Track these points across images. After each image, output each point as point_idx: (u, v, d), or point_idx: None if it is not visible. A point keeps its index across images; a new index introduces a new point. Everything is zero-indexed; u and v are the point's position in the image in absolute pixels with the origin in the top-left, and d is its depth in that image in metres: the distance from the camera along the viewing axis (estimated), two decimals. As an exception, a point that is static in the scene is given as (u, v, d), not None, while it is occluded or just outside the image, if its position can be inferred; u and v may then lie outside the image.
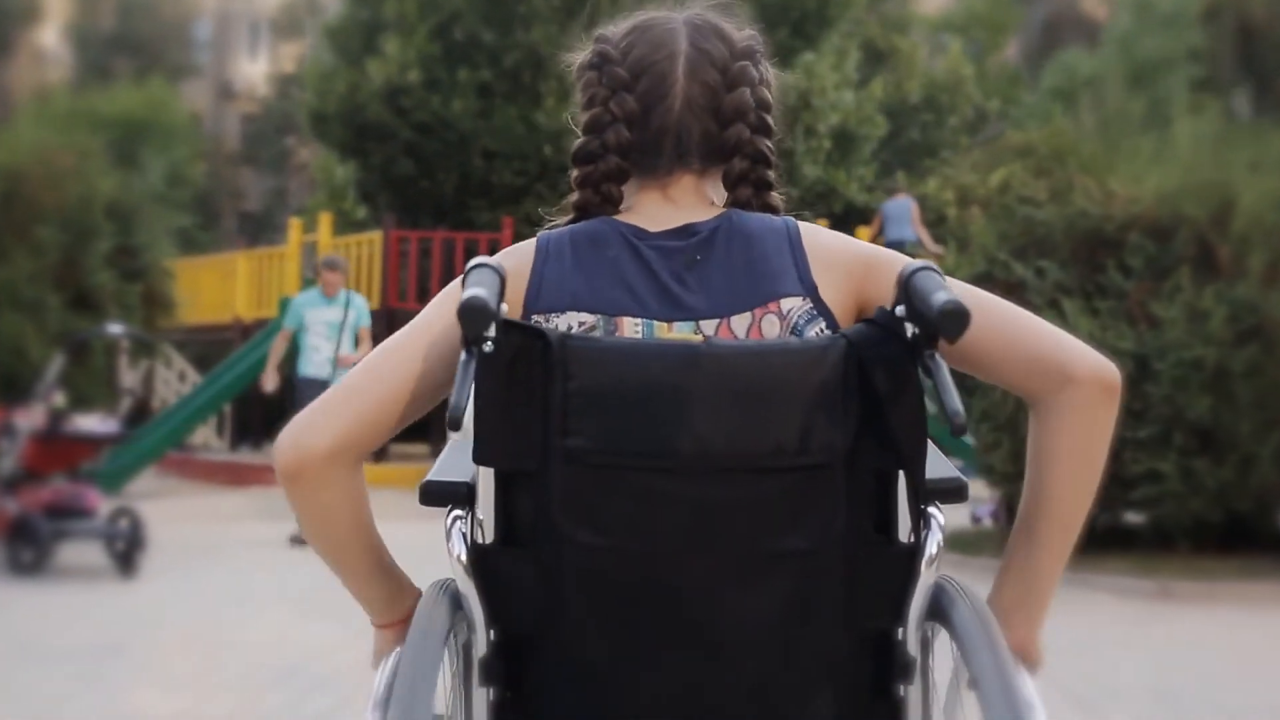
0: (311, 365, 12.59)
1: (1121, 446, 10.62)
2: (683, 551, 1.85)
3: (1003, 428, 11.49)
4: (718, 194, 2.16)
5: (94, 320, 15.12)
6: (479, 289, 1.77)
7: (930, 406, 1.90)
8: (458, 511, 1.98)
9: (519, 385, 1.85)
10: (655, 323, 1.99)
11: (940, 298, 1.75)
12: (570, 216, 2.17)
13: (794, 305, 1.99)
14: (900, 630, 1.93)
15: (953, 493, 1.96)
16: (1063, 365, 1.95)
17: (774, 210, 2.15)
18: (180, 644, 8.13)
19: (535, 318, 1.99)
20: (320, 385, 11.31)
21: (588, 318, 1.98)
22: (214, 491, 18.02)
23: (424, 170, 21.48)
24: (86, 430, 11.15)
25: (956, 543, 11.71)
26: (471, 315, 1.75)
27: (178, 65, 43.81)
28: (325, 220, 20.78)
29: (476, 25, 20.99)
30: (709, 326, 1.98)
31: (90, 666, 7.35)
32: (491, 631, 1.92)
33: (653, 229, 2.06)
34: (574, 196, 2.17)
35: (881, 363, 1.85)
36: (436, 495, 2.02)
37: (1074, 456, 1.99)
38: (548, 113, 20.32)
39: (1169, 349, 10.92)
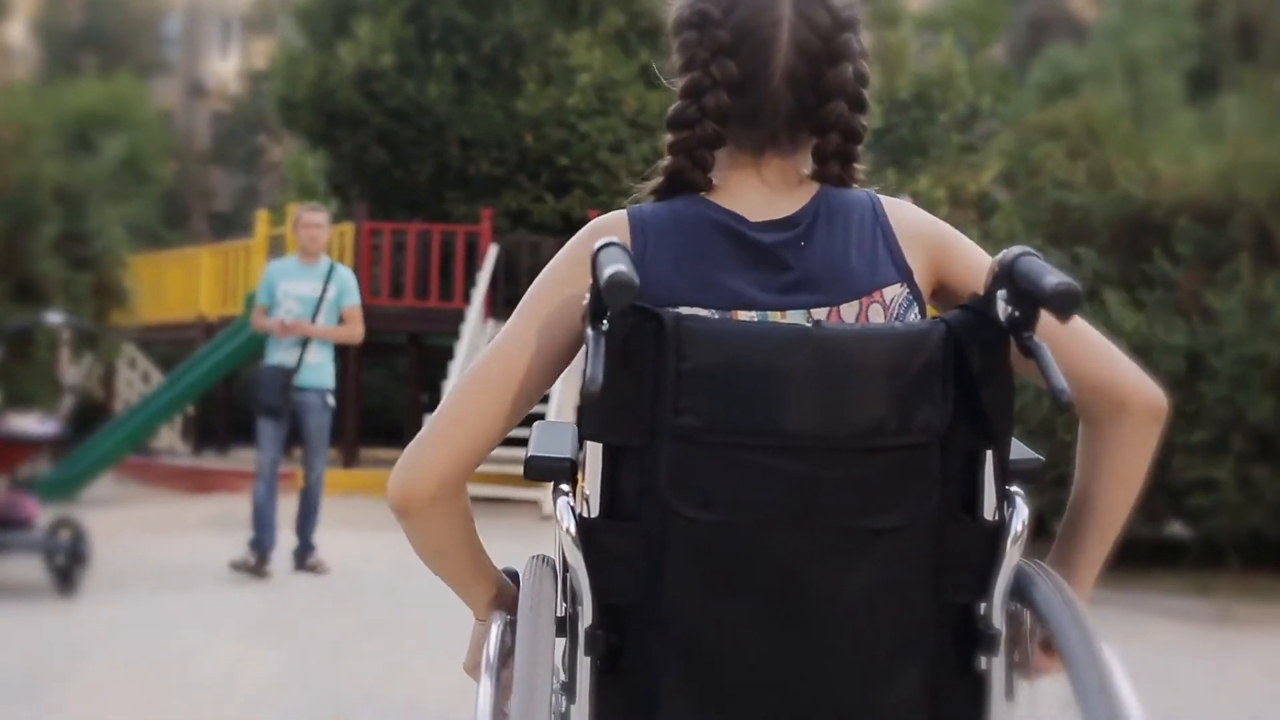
0: (277, 350, 10.27)
1: (1170, 452, 9.65)
2: (785, 526, 1.86)
3: (1037, 432, 10.36)
4: (804, 169, 2.12)
5: (39, 312, 13.71)
6: (620, 264, 1.72)
7: None
8: (564, 486, 1.97)
9: (631, 363, 1.86)
10: (769, 314, 1.99)
11: (1051, 279, 1.75)
12: (660, 182, 2.10)
13: (895, 293, 2.02)
14: (983, 605, 1.95)
15: (1033, 473, 2.00)
16: (1117, 391, 2.02)
17: (856, 182, 2.13)
18: (110, 681, 6.87)
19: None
20: (282, 375, 10.15)
21: (701, 313, 1.95)
22: (175, 499, 16.99)
23: (397, 160, 20.54)
24: (23, 431, 9.89)
25: None
26: (618, 291, 1.71)
27: (147, 62, 42.67)
28: (292, 212, 19.18)
29: (453, 7, 20.11)
30: (820, 314, 2.00)
31: (-3, 711, 6.16)
32: (595, 601, 1.91)
33: (753, 217, 2.04)
34: (666, 161, 2.09)
35: (977, 346, 1.88)
36: (541, 470, 2.00)
37: (1119, 478, 2.08)
38: (528, 99, 19.60)
39: (1227, 344, 9.87)
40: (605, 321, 1.81)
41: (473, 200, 19.56)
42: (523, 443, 2.13)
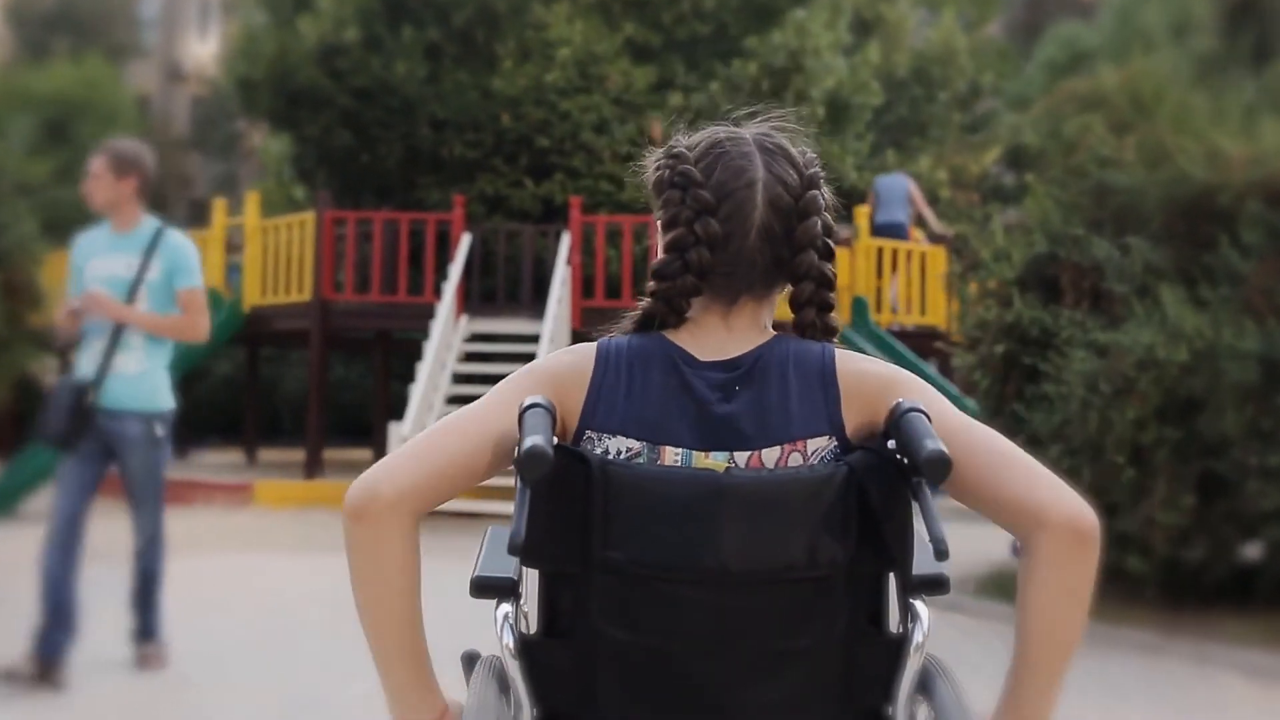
0: (83, 355, 7.10)
1: (1244, 476, 8.25)
2: (703, 650, 2.03)
3: (1081, 452, 8.81)
4: (771, 314, 2.28)
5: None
6: (536, 437, 1.93)
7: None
8: (505, 605, 2.14)
9: (562, 500, 2.03)
10: (694, 453, 2.11)
11: (926, 446, 1.92)
12: (637, 318, 2.27)
13: (819, 445, 2.12)
14: (891, 708, 2.11)
15: (935, 585, 2.13)
16: (1037, 510, 2.03)
17: (833, 330, 2.26)
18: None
19: (589, 433, 2.14)
20: (73, 391, 6.92)
21: (634, 444, 2.12)
22: (123, 512, 15.00)
23: (364, 142, 19.04)
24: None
25: (1000, 585, 9.98)
26: (531, 464, 1.91)
27: (122, 45, 41.88)
28: (252, 199, 18.40)
29: (423, -24, 18.51)
30: (741, 458, 2.11)
31: None
32: (535, 710, 2.10)
33: (702, 357, 2.18)
34: (646, 304, 2.25)
35: (877, 485, 2.03)
36: (486, 589, 2.17)
37: (1052, 604, 2.06)
38: (504, 76, 18.26)
39: (1310, 349, 8.22)
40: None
41: (446, 186, 18.19)
42: None
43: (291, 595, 9.54)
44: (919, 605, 2.12)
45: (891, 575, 2.14)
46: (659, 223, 2.27)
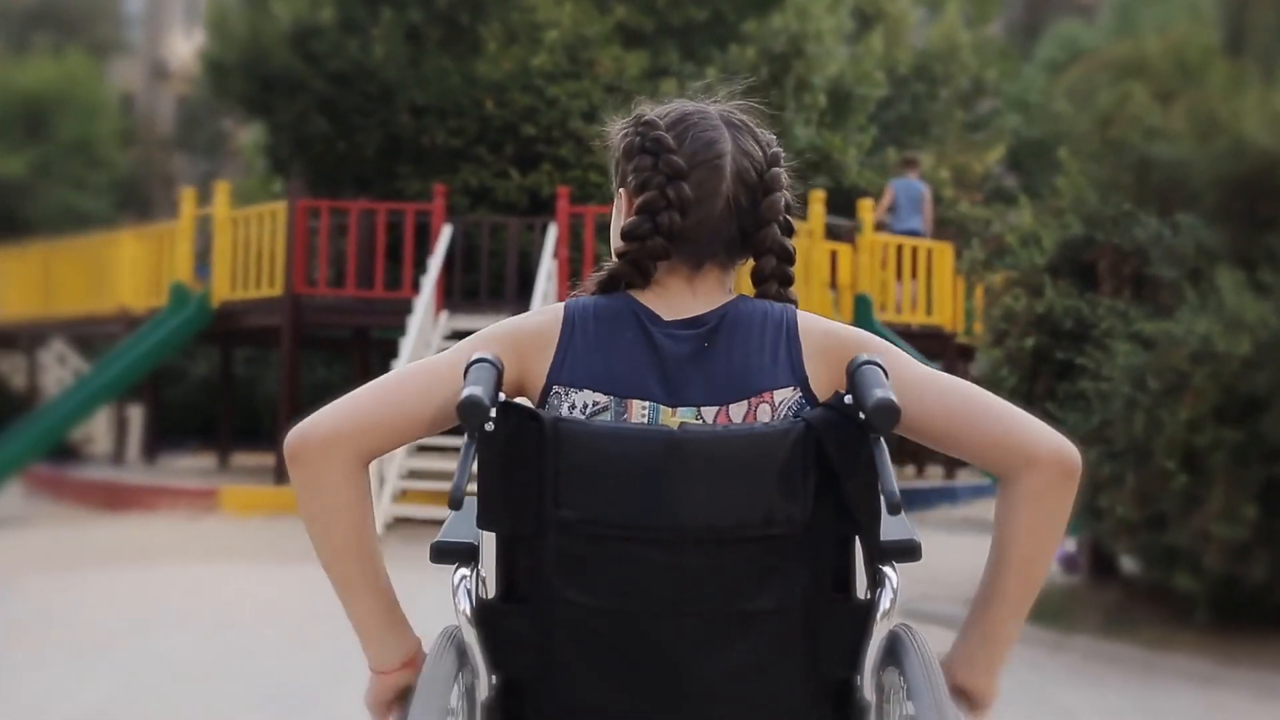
0: None
1: None
2: (661, 611, 2.01)
3: (1123, 456, 7.81)
4: (733, 283, 2.31)
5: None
6: (475, 387, 1.97)
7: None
8: (463, 570, 2.11)
9: (517, 460, 2.03)
10: (661, 407, 2.13)
11: (875, 394, 1.96)
12: (603, 279, 2.28)
13: (785, 396, 2.14)
14: (858, 678, 2.09)
15: (906, 552, 2.09)
16: (1024, 448, 2.08)
17: (790, 303, 2.28)
18: None
19: (556, 388, 2.16)
20: None
21: (601, 398, 2.13)
22: (85, 519, 14.89)
23: (341, 130, 18.12)
24: None
25: (1036, 607, 8.48)
26: (468, 411, 1.95)
27: (106, 41, 41.23)
28: (222, 189, 17.48)
29: (403, -45, 17.73)
30: (709, 413, 2.13)
31: None
32: (493, 677, 2.10)
33: (666, 316, 2.21)
34: (612, 265, 2.28)
35: (837, 442, 2.02)
36: (445, 554, 2.15)
37: (1037, 532, 2.12)
38: (489, 61, 17.59)
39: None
40: (490, 422, 1.99)
41: (427, 176, 17.22)
42: None
43: (252, 609, 9.06)
44: (889, 571, 2.08)
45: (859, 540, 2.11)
46: (623, 190, 2.31)
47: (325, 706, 6.46)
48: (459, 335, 14.85)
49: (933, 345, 16.52)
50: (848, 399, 2.03)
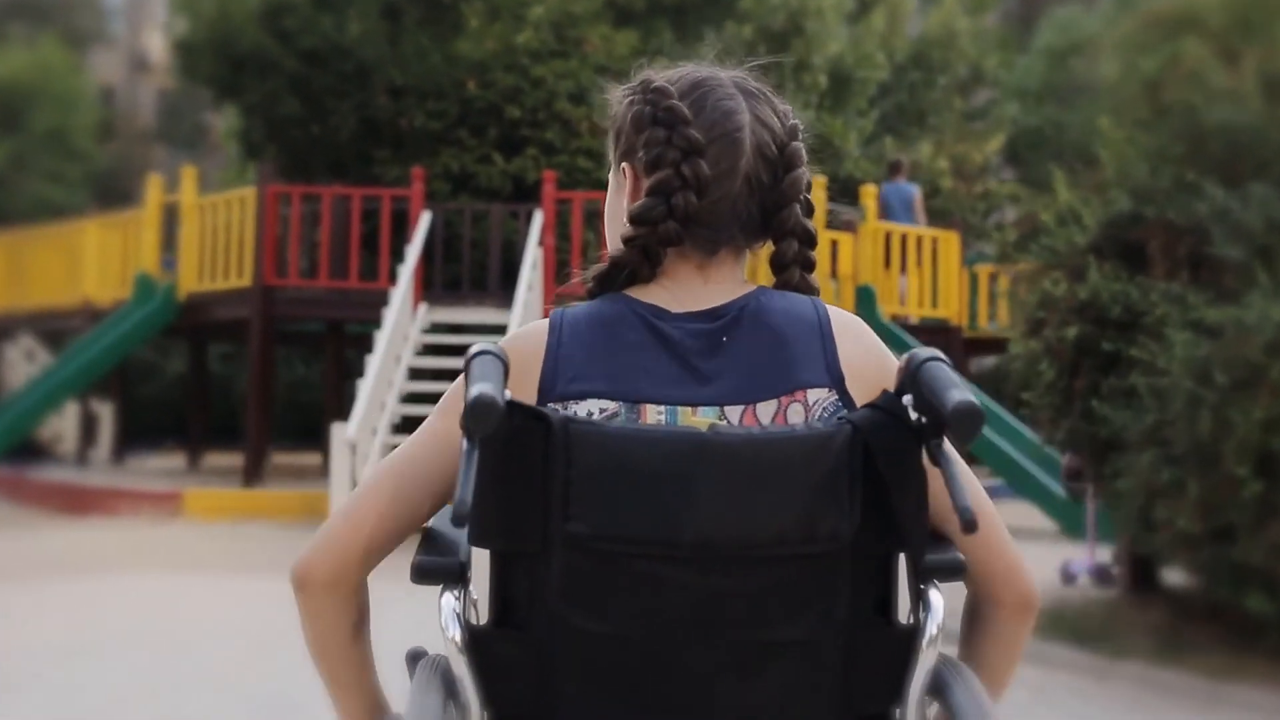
0: None
1: None
2: (681, 640, 1.82)
3: (1185, 460, 6.88)
4: (745, 270, 2.13)
5: None
6: (485, 384, 1.72)
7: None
8: (451, 592, 1.90)
9: (518, 466, 1.82)
10: (679, 409, 1.92)
11: (954, 396, 1.71)
12: (604, 270, 2.05)
13: (820, 396, 1.95)
14: (899, 711, 1.90)
15: (951, 571, 1.91)
16: (991, 585, 2.00)
17: (813, 290, 2.09)
18: None
19: (552, 405, 1.90)
20: None
21: (609, 405, 1.91)
22: (41, 524, 14.21)
23: (315, 112, 17.32)
24: None
25: (1065, 622, 8.36)
26: (480, 413, 1.70)
27: (85, 33, 40.87)
28: (189, 175, 16.81)
29: (379, -74, 17.01)
30: (734, 413, 1.93)
31: None
32: (485, 713, 1.89)
33: (675, 309, 2.00)
34: (618, 253, 2.04)
35: (887, 449, 1.81)
36: (428, 574, 1.92)
37: (992, 660, 2.03)
38: (471, 39, 16.85)
39: None
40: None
41: (406, 161, 16.39)
42: None
43: (209, 627, 8.46)
44: (933, 593, 1.85)
45: (902, 558, 1.90)
46: (628, 166, 2.08)
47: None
48: (439, 328, 14.69)
49: (937, 340, 15.83)
50: (906, 400, 1.80)
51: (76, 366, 16.31)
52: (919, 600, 1.88)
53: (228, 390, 21.92)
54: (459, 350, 13.65)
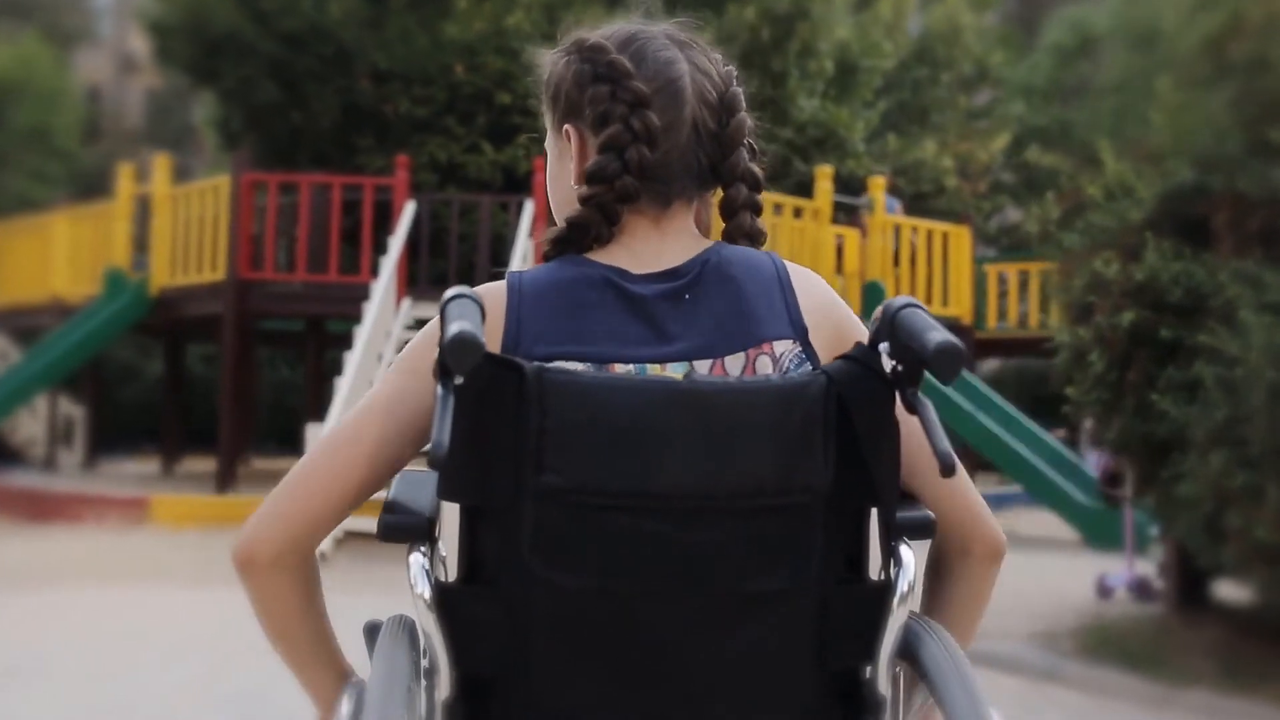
0: None
1: None
2: (658, 593, 1.80)
3: (1264, 463, 6.01)
4: (703, 221, 2.13)
5: None
6: (464, 322, 1.67)
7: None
8: (420, 548, 1.87)
9: (489, 419, 1.78)
10: (648, 366, 1.91)
11: (934, 337, 1.71)
12: (561, 232, 2.01)
13: (786, 348, 1.95)
14: (869, 669, 1.91)
15: (921, 528, 1.91)
16: (960, 533, 1.99)
17: (762, 234, 2.10)
18: None
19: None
20: None
21: (576, 366, 1.87)
22: (3, 530, 13.57)
23: (294, 98, 16.40)
24: None
25: (1106, 641, 7.74)
26: (461, 351, 1.64)
27: (72, 31, 40.30)
28: (162, 164, 16.06)
29: (362, -98, 16.19)
30: (703, 367, 1.92)
31: None
32: (455, 672, 1.86)
33: (636, 269, 1.98)
34: (575, 213, 2.00)
35: (862, 400, 1.83)
36: (395, 530, 1.89)
37: (961, 607, 2.04)
38: (459, 20, 16.02)
39: None
40: (457, 377, 1.70)
41: (390, 150, 15.56)
42: None
43: (164, 646, 7.85)
44: (904, 550, 1.87)
45: (874, 514, 1.91)
46: (571, 127, 2.04)
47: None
48: (423, 324, 13.45)
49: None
50: (884, 346, 1.77)
51: (44, 364, 15.66)
52: (890, 557, 1.87)
53: (208, 392, 20.98)
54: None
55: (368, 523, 8.37)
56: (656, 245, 2.00)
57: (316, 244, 14.72)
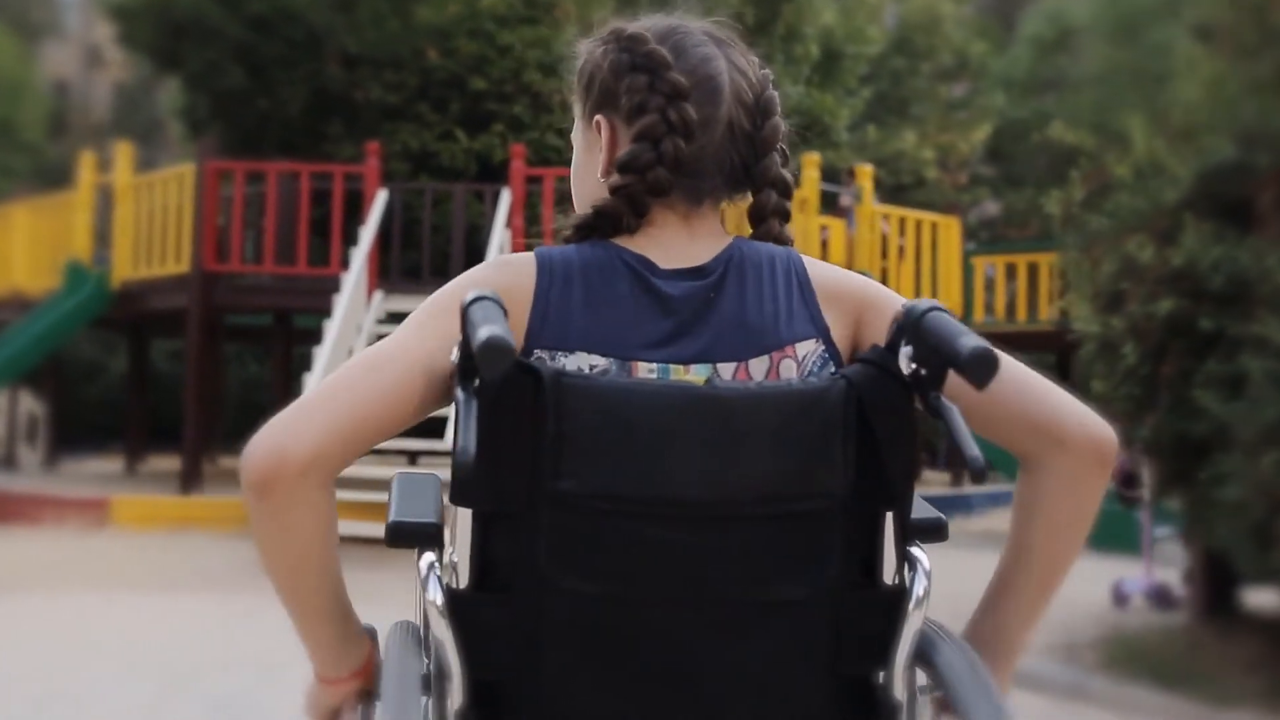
0: None
1: None
2: (673, 600, 1.77)
3: None
4: (725, 219, 2.08)
5: None
6: (493, 326, 1.61)
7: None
8: (430, 554, 1.82)
9: (505, 423, 1.73)
10: (671, 367, 1.88)
11: (966, 342, 1.64)
12: (587, 218, 1.97)
13: (809, 349, 1.92)
14: (882, 675, 1.86)
15: (934, 532, 1.88)
16: (1055, 428, 1.86)
17: (788, 241, 2.05)
18: None
19: (539, 352, 1.86)
20: None
21: (599, 360, 1.86)
22: None
23: (261, 84, 15.86)
24: None
25: (1134, 655, 7.22)
26: (492, 355, 1.59)
27: (39, 25, 39.86)
28: (124, 153, 15.54)
29: (333, -122, 15.70)
30: (726, 370, 1.89)
31: None
32: (467, 680, 1.79)
33: (664, 264, 1.94)
34: (602, 202, 1.96)
35: (881, 404, 1.78)
36: (404, 535, 1.86)
37: (1064, 522, 1.91)
38: (432, 4, 15.54)
39: None
40: (477, 381, 1.68)
41: (360, 137, 15.02)
42: None
43: (120, 660, 7.31)
44: (919, 553, 1.83)
45: (889, 518, 1.86)
46: (603, 118, 1.99)
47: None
48: (395, 318, 13.08)
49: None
50: (906, 350, 1.73)
51: (3, 358, 15.11)
52: (905, 561, 1.83)
53: (173, 389, 20.47)
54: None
55: (340, 525, 7.94)
56: (685, 242, 1.95)
57: (284, 235, 14.20)
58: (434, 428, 10.28)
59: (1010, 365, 1.85)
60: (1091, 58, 27.85)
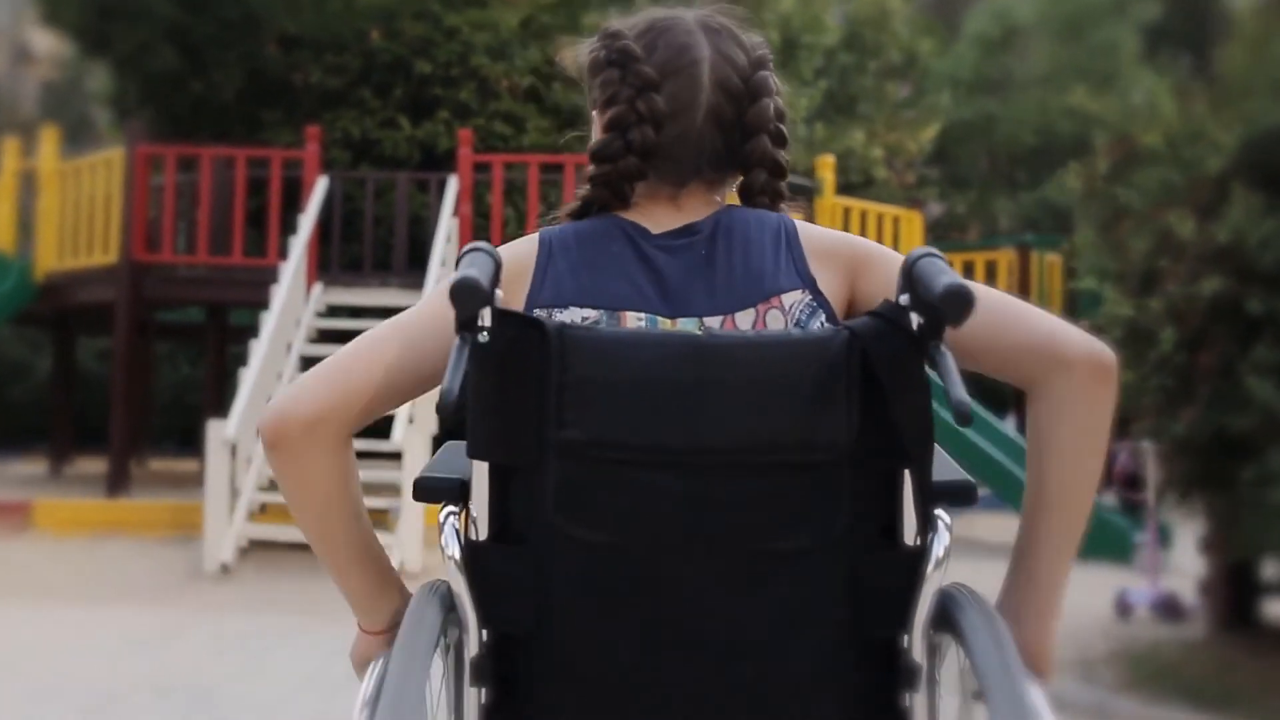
0: None
1: None
2: (679, 549, 1.79)
3: None
4: (722, 198, 2.14)
5: None
6: (471, 269, 1.73)
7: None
8: (451, 508, 1.92)
9: (514, 377, 1.81)
10: (659, 318, 1.96)
11: (943, 280, 1.68)
12: (575, 208, 2.11)
13: (795, 299, 1.97)
14: (905, 637, 1.84)
15: (961, 494, 1.85)
16: (1058, 349, 1.88)
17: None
18: None
19: (537, 311, 1.95)
20: None
21: (590, 313, 1.95)
22: None
23: (195, 67, 15.11)
24: None
25: (1151, 671, 6.68)
26: (463, 296, 1.70)
27: None
28: (49, 136, 14.83)
29: None
30: (713, 323, 1.96)
31: None
32: (484, 631, 1.86)
33: (655, 230, 2.04)
34: (584, 191, 2.09)
35: (886, 357, 1.79)
36: (430, 491, 1.97)
37: (1073, 444, 1.89)
38: None
39: None
40: (484, 333, 1.76)
41: (299, 123, 14.32)
42: None
43: (38, 679, 6.80)
44: (941, 514, 1.81)
45: (908, 478, 1.85)
46: (595, 113, 2.12)
47: None
48: (336, 312, 12.56)
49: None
50: (904, 298, 1.74)
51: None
52: (926, 522, 1.81)
53: (102, 390, 19.82)
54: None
55: (277, 531, 7.24)
56: (673, 216, 2.03)
57: (219, 223, 13.51)
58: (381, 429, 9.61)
59: (1003, 299, 1.89)
60: (1038, 56, 27.75)
